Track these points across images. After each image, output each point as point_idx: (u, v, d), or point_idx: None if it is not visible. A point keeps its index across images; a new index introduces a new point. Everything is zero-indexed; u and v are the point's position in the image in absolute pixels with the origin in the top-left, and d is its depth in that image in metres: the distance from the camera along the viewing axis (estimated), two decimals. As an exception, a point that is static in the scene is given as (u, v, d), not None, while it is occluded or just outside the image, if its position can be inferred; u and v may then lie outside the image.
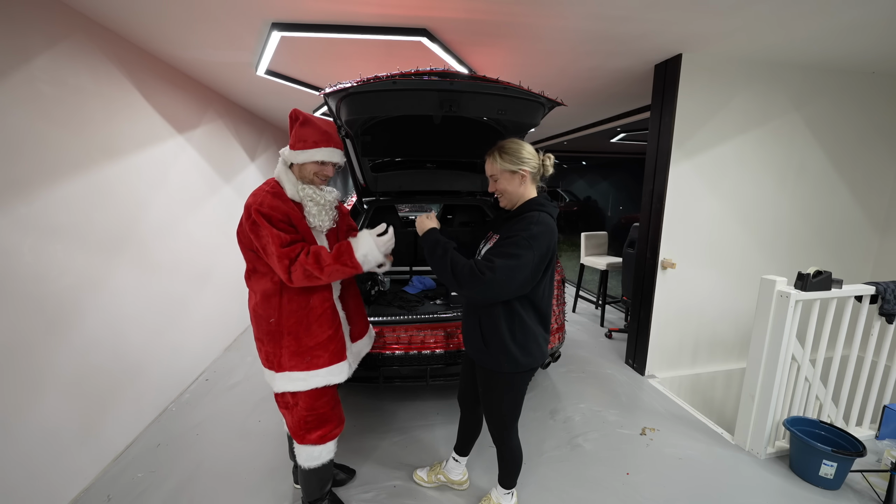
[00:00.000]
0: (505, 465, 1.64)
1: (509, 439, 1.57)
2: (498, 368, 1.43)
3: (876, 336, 2.16)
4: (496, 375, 1.46)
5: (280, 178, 1.47)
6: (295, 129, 1.46)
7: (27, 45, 1.66)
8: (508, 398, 1.50)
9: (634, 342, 3.10)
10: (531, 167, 1.40)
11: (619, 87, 3.25)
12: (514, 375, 1.45)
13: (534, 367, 1.46)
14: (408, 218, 5.04)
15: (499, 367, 1.43)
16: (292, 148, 1.46)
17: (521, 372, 1.44)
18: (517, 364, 1.41)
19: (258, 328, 1.50)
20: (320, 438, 1.54)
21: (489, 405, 1.55)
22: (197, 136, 3.04)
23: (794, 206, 2.98)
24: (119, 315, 2.13)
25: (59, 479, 1.76)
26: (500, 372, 1.44)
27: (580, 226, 8.36)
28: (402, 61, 2.63)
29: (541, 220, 1.33)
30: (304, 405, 1.52)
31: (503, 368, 1.43)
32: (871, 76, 2.90)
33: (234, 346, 3.55)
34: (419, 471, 1.97)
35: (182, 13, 1.96)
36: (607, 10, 1.93)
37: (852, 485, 1.92)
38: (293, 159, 1.46)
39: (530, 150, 1.41)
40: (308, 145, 1.44)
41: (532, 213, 1.36)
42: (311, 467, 1.56)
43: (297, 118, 1.46)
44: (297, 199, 1.46)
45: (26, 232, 1.63)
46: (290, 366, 1.47)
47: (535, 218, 1.34)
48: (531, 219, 1.33)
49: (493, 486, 1.75)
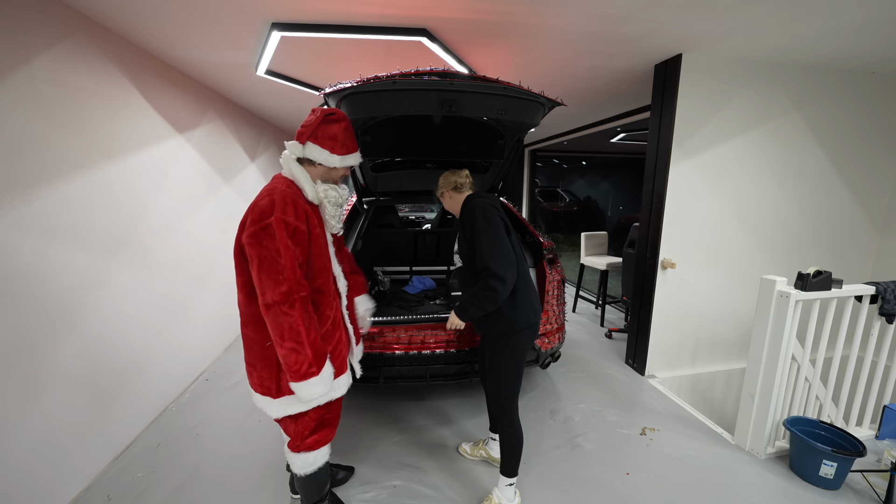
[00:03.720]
0: (506, 446, 1.70)
1: (511, 413, 1.69)
2: (499, 331, 1.63)
3: (876, 336, 2.16)
4: (498, 339, 1.65)
5: (297, 178, 1.36)
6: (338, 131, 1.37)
7: (27, 45, 1.66)
8: (508, 361, 1.65)
9: (634, 342, 3.10)
10: (446, 187, 1.81)
11: (619, 87, 3.25)
12: (511, 335, 1.63)
13: (529, 324, 1.64)
14: (408, 218, 5.05)
15: (499, 329, 1.62)
16: (333, 151, 1.37)
17: (517, 331, 1.62)
18: (513, 323, 1.60)
19: (250, 352, 1.40)
20: (315, 443, 1.51)
21: (493, 372, 1.70)
22: (197, 136, 3.04)
23: (795, 206, 2.98)
24: (119, 315, 2.13)
25: (59, 479, 1.77)
26: (501, 334, 1.63)
27: (580, 226, 8.35)
28: (402, 61, 2.62)
29: (476, 203, 1.67)
30: (314, 415, 1.48)
31: (503, 330, 1.62)
32: (872, 76, 2.90)
33: (235, 346, 3.55)
34: (464, 444, 2.16)
35: (182, 13, 1.96)
36: (607, 10, 1.93)
37: (852, 485, 1.92)
38: (332, 163, 1.37)
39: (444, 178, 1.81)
40: (351, 150, 1.41)
41: (468, 205, 1.71)
42: (306, 474, 1.52)
43: (341, 120, 1.40)
44: (315, 202, 1.39)
45: (27, 232, 1.63)
46: (289, 390, 1.36)
47: (471, 205, 1.68)
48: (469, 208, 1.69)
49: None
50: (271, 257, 1.23)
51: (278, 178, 1.39)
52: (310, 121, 1.37)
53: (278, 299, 1.23)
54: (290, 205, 1.28)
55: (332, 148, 1.37)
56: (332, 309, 1.47)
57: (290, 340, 1.26)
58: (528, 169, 7.09)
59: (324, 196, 1.40)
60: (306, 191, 1.37)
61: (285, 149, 1.41)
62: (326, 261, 1.44)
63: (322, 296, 1.42)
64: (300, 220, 1.30)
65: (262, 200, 1.28)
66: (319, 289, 1.41)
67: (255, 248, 1.24)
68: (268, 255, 1.23)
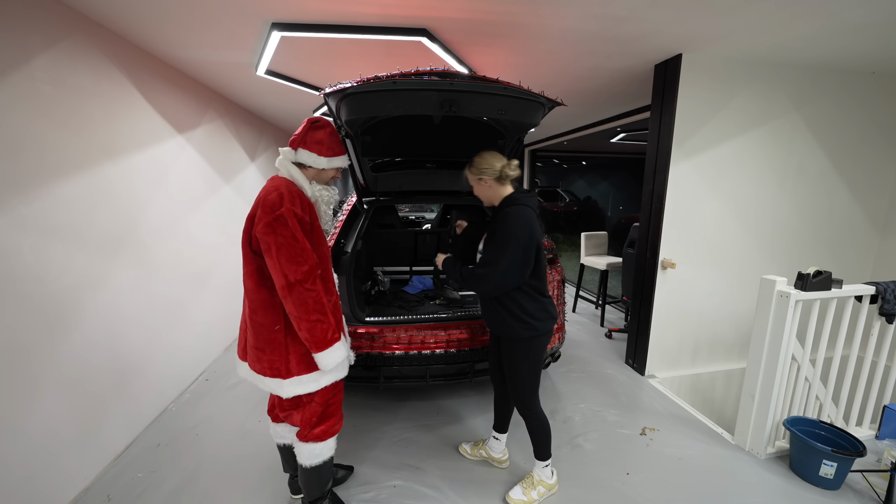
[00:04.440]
0: (535, 436, 1.79)
1: (533, 407, 1.74)
2: (520, 336, 1.64)
3: (876, 336, 2.16)
4: (517, 343, 1.67)
5: (296, 178, 1.50)
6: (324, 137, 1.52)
7: (27, 45, 1.66)
8: (528, 364, 1.68)
9: (634, 342, 3.10)
10: (490, 174, 1.64)
11: (619, 87, 3.25)
12: (531, 340, 1.66)
13: (548, 330, 1.67)
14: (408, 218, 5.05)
15: (517, 333, 1.64)
16: (320, 154, 1.51)
17: (537, 336, 1.65)
18: (534, 328, 1.63)
19: (258, 337, 1.47)
20: (323, 433, 1.57)
21: (512, 374, 1.73)
22: (197, 136, 3.04)
23: (794, 206, 2.98)
24: (119, 315, 2.13)
25: (59, 479, 1.76)
26: (521, 338, 1.65)
27: (580, 226, 8.35)
28: (402, 61, 2.63)
29: (517, 214, 1.56)
30: (320, 400, 1.56)
31: (520, 334, 1.64)
32: (872, 76, 2.90)
33: (234, 346, 3.55)
34: (464, 444, 2.15)
35: (182, 13, 1.96)
36: (607, 10, 1.93)
37: (852, 485, 1.92)
38: (320, 164, 1.52)
39: (488, 160, 1.65)
40: (336, 153, 1.56)
41: (507, 209, 1.60)
42: (312, 465, 1.57)
43: (326, 126, 1.55)
44: (311, 200, 1.53)
45: (26, 232, 1.63)
46: (298, 370, 1.47)
47: (511, 214, 1.57)
48: (507, 216, 1.57)
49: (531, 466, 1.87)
50: (288, 243, 1.35)
51: (277, 178, 1.50)
52: (299, 130, 1.55)
53: (301, 278, 1.35)
54: (296, 198, 1.42)
55: (320, 151, 1.52)
56: (333, 295, 1.59)
57: (315, 312, 1.39)
58: (528, 169, 7.09)
59: (318, 195, 1.55)
60: (304, 189, 1.50)
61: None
62: (326, 250, 1.57)
63: (325, 282, 1.55)
64: (305, 213, 1.43)
65: (270, 195, 1.40)
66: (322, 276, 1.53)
67: (271, 237, 1.35)
68: (284, 241, 1.35)
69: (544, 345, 1.69)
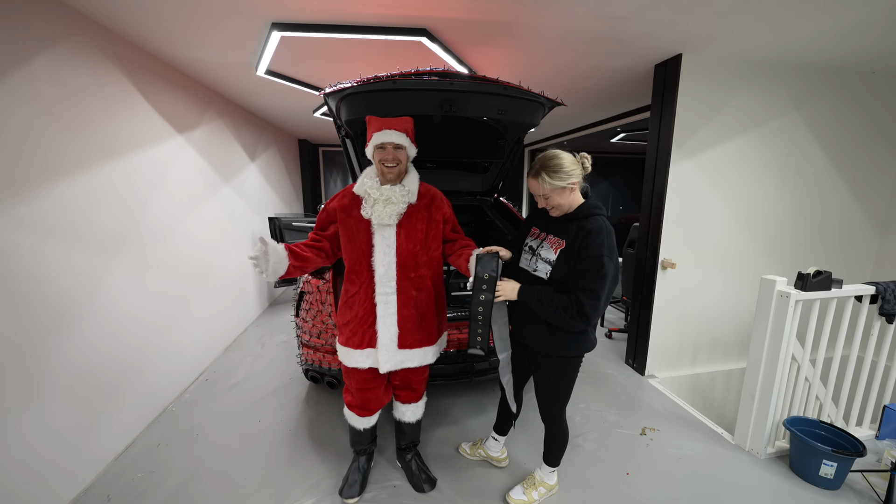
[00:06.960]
0: (555, 444, 1.77)
1: (562, 418, 1.72)
2: (562, 353, 1.55)
3: (876, 336, 2.16)
4: (558, 360, 1.58)
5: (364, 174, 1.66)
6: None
7: (27, 45, 1.66)
8: (566, 380, 1.63)
9: (634, 342, 3.10)
10: (577, 177, 1.43)
11: (619, 87, 3.25)
12: (574, 359, 1.59)
13: (590, 349, 1.58)
14: None
15: (563, 351, 1.55)
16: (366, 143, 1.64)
17: (580, 355, 1.59)
18: (579, 348, 1.55)
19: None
20: (348, 403, 1.83)
21: (547, 388, 1.66)
22: (197, 136, 3.04)
23: (794, 206, 2.98)
24: (119, 315, 2.13)
25: (59, 479, 1.76)
26: (563, 356, 1.56)
27: (580, 226, 8.35)
28: (402, 61, 2.62)
29: (606, 229, 1.41)
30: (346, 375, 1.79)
31: (567, 353, 1.55)
32: (871, 76, 2.90)
33: (234, 346, 3.55)
34: (464, 444, 2.16)
35: (182, 13, 1.96)
36: (607, 10, 1.93)
37: (852, 485, 1.92)
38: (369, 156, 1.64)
39: (570, 160, 1.43)
40: (367, 139, 1.62)
41: (593, 218, 1.44)
42: (349, 423, 1.86)
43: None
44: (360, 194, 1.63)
45: (26, 232, 1.63)
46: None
47: (599, 226, 1.41)
48: (598, 232, 1.39)
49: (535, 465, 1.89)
50: None
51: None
52: None
53: None
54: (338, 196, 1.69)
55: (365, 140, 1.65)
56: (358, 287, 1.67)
57: None
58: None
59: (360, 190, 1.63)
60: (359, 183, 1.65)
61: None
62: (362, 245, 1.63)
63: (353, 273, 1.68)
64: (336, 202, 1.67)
65: None
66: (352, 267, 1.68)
67: None
68: None
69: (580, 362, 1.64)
